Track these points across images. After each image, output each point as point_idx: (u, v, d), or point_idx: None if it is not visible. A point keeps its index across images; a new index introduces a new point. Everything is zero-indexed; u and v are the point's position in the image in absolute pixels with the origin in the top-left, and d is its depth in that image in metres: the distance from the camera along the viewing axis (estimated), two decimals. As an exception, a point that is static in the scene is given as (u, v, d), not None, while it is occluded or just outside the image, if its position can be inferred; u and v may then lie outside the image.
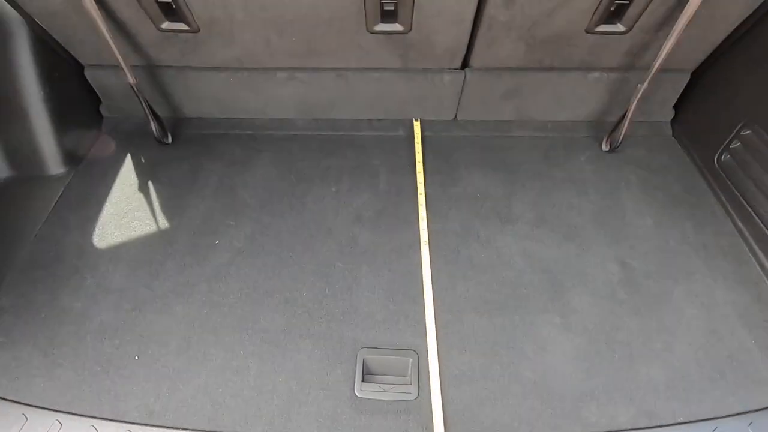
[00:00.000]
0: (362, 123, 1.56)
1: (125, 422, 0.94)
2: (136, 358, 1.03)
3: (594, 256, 1.23)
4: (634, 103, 1.33)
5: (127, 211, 1.32)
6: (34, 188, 1.36)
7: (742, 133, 1.29)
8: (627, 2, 1.14)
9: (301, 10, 1.17)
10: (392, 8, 1.17)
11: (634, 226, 1.30)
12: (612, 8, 1.16)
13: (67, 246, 1.24)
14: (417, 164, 1.44)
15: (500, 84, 1.45)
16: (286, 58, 1.35)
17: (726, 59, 1.35)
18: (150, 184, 1.39)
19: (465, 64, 1.40)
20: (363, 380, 1.00)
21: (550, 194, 1.38)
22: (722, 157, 1.36)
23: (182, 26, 1.22)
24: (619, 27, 1.21)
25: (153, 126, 1.43)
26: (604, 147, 1.48)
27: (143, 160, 1.46)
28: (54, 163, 1.40)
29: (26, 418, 0.94)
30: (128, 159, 1.46)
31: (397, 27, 1.22)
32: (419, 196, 1.36)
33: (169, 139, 1.49)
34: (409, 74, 1.42)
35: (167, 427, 0.93)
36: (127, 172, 1.42)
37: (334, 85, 1.45)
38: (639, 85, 1.30)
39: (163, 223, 1.29)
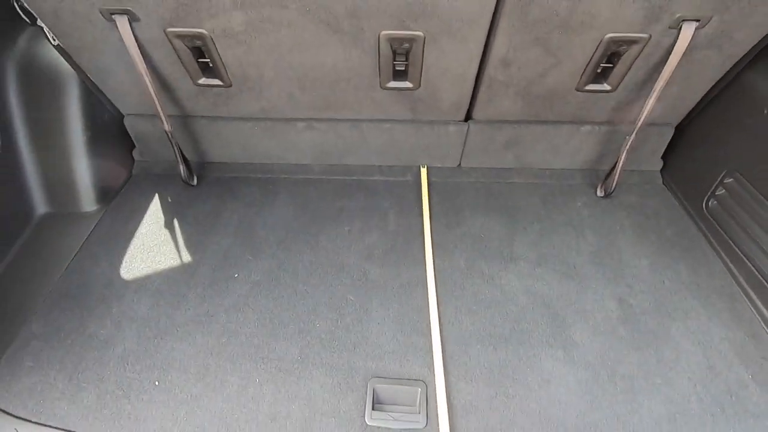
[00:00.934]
0: (374, 169, 1.69)
1: None
2: (156, 383, 1.08)
3: (593, 294, 1.29)
4: (624, 154, 1.45)
5: (152, 246, 1.41)
6: (68, 224, 1.46)
7: (725, 181, 1.39)
8: (611, 66, 1.30)
9: (323, 70, 1.33)
10: (403, 69, 1.33)
11: (631, 267, 1.37)
12: (598, 70, 1.32)
13: (96, 277, 1.32)
14: (424, 207, 1.54)
15: (501, 135, 1.58)
16: (306, 110, 1.50)
17: (706, 114, 1.49)
18: (175, 221, 1.50)
19: (468, 117, 1.55)
20: (373, 409, 1.04)
21: (549, 236, 1.46)
22: (710, 204, 1.45)
23: (216, 81, 1.38)
24: (606, 86, 1.36)
25: (182, 168, 1.55)
26: (599, 193, 1.59)
27: (170, 200, 1.57)
28: (87, 201, 1.51)
29: (49, 439, 0.98)
30: (156, 198, 1.57)
31: (407, 84, 1.38)
32: (426, 235, 1.44)
33: (195, 181, 1.62)
34: (417, 125, 1.56)
35: (184, 451, 0.96)
36: (155, 211, 1.53)
37: (349, 134, 1.59)
38: (627, 137, 1.42)
39: (187, 257, 1.38)
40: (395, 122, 1.56)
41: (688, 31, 1.15)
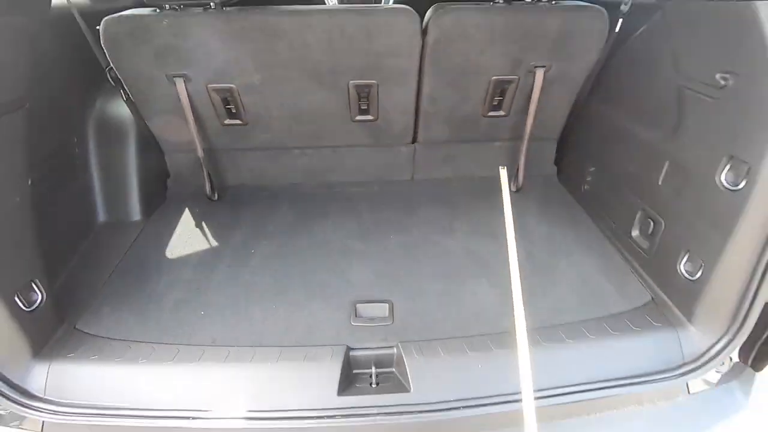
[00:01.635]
0: (350, 183, 2.26)
1: (198, 345, 1.40)
2: (202, 313, 1.52)
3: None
4: (522, 160, 2.09)
5: (188, 238, 1.90)
6: (122, 228, 1.94)
7: (590, 170, 2.04)
8: (502, 98, 1.98)
9: (311, 109, 1.96)
10: (366, 107, 1.97)
11: (535, 233, 1.93)
12: (494, 102, 1.99)
13: (148, 259, 1.78)
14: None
15: (439, 152, 2.21)
16: (299, 139, 2.11)
17: (573, 129, 2.17)
18: (203, 223, 2.00)
19: (414, 140, 2.18)
20: (357, 315, 1.51)
21: (479, 218, 2.02)
22: (584, 188, 2.08)
23: (237, 122, 1.98)
24: (502, 112, 2.03)
25: (207, 186, 2.09)
26: (513, 188, 2.20)
27: (198, 211, 2.09)
28: (135, 213, 2.00)
29: (130, 347, 1.39)
30: (187, 210, 2.09)
31: (369, 117, 2.01)
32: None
33: (216, 197, 2.15)
34: (378, 148, 2.18)
35: (226, 346, 1.39)
36: (187, 217, 2.04)
37: (330, 157, 2.19)
38: (522, 148, 2.07)
39: (214, 243, 1.87)
40: (362, 147, 2.17)
41: (539, 73, 1.85)
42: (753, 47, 1.13)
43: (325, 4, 3.13)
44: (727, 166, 1.27)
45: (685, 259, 1.44)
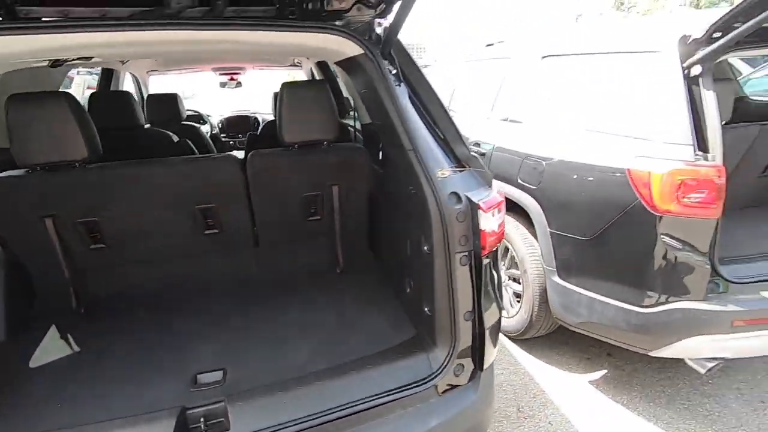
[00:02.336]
0: (204, 283, 2.76)
1: (57, 429, 1.71)
2: (59, 405, 1.84)
3: (328, 315, 2.45)
4: (339, 250, 2.83)
5: (52, 350, 2.20)
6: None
7: (386, 252, 2.83)
8: (315, 207, 2.75)
9: (166, 229, 2.52)
10: (212, 223, 2.59)
11: (349, 301, 2.59)
12: (311, 210, 2.75)
13: (10, 373, 2.04)
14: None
15: (277, 251, 2.86)
16: (157, 254, 2.62)
17: (375, 224, 3.00)
18: (68, 335, 2.32)
19: (257, 244, 2.81)
20: (196, 384, 1.95)
21: (307, 296, 2.63)
22: (385, 266, 2.85)
23: (101, 245, 2.45)
24: (318, 217, 2.79)
25: (73, 301, 2.45)
26: (338, 270, 2.90)
27: (63, 324, 2.40)
28: (2, 333, 2.27)
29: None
30: (53, 326, 2.39)
31: (215, 231, 2.62)
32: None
33: (83, 310, 2.49)
34: (227, 252, 2.76)
35: (82, 425, 1.72)
36: (53, 332, 2.33)
37: (186, 264, 2.70)
38: (337, 239, 2.82)
39: (77, 349, 2.21)
40: (213, 252, 2.75)
41: (335, 189, 2.67)
42: (415, 176, 2.02)
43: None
44: (425, 241, 2.09)
45: (424, 302, 2.18)
